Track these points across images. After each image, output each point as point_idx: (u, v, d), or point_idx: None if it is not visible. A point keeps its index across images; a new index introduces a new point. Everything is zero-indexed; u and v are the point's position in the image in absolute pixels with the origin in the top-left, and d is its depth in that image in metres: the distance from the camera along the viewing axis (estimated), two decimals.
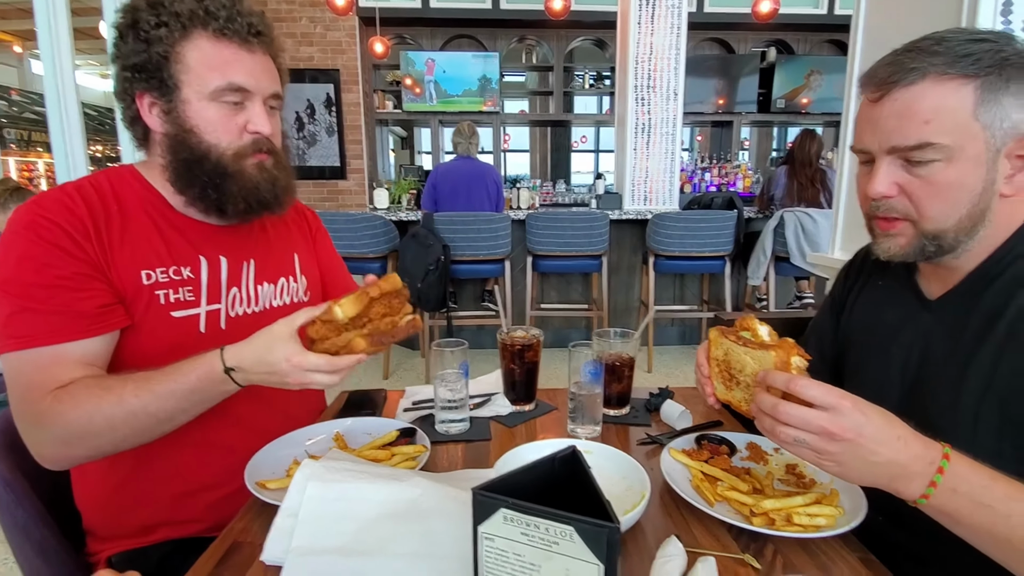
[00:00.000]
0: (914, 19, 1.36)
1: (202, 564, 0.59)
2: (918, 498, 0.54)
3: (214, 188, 0.78)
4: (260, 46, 0.79)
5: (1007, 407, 0.61)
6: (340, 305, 0.68)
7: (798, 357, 0.59)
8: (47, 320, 0.70)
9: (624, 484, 0.70)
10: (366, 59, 5.47)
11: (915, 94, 0.62)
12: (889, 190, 0.65)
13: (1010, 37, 0.62)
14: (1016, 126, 0.60)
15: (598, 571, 0.39)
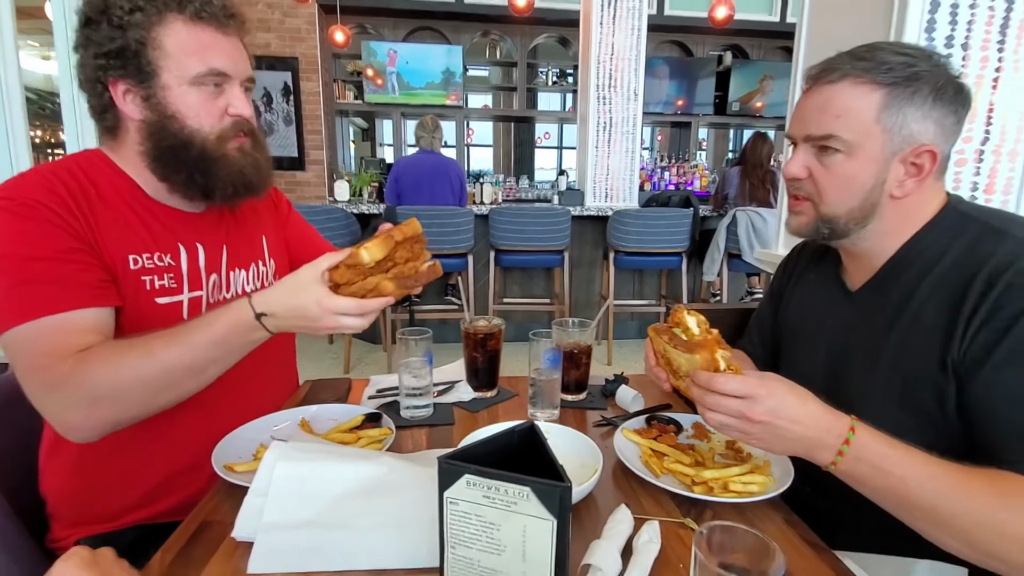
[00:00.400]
0: (849, 30, 1.46)
1: (173, 542, 0.60)
2: (828, 464, 0.62)
3: (201, 174, 0.78)
4: (234, 29, 0.79)
5: (908, 383, 0.69)
6: (367, 249, 0.68)
7: (722, 351, 0.65)
8: (49, 290, 0.69)
9: (579, 461, 0.75)
10: (326, 47, 5.36)
11: (833, 91, 0.70)
12: (800, 172, 0.74)
13: (931, 56, 0.69)
14: (913, 135, 0.68)
15: (552, 526, 0.43)
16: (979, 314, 0.62)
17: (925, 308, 0.69)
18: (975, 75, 1.25)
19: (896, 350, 0.70)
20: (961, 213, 0.72)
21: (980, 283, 0.63)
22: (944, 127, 0.69)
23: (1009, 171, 1.29)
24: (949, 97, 0.68)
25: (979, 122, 1.27)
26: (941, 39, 1.23)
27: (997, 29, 1.23)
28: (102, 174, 0.79)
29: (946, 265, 0.69)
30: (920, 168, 0.69)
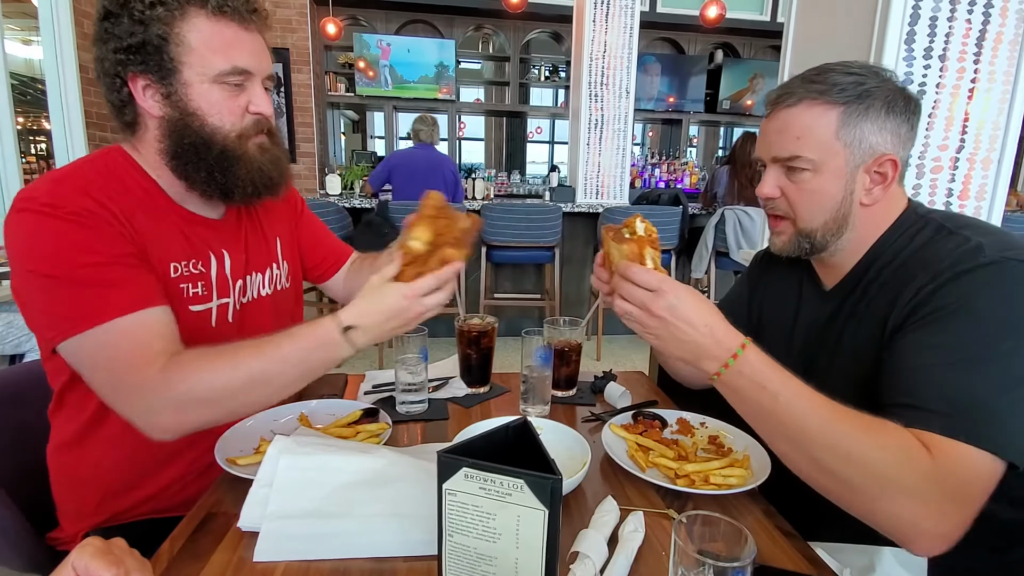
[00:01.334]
0: (834, 35, 1.50)
1: (180, 532, 0.63)
2: (712, 375, 0.67)
3: (222, 172, 0.77)
4: (256, 25, 0.78)
5: (867, 371, 0.73)
6: (414, 238, 0.70)
7: (652, 250, 0.70)
8: (117, 292, 0.68)
9: (568, 455, 0.79)
10: (317, 39, 5.33)
11: (792, 114, 0.75)
12: (772, 192, 0.79)
13: (879, 73, 0.74)
14: (873, 147, 0.73)
15: (544, 515, 0.47)
16: (920, 289, 0.67)
17: (877, 299, 0.74)
18: (952, 85, 1.29)
19: (856, 342, 0.76)
20: (919, 215, 0.77)
21: (928, 269, 0.68)
22: (900, 136, 0.73)
23: (983, 178, 1.34)
24: (901, 108, 0.73)
25: (955, 130, 1.32)
26: (920, 50, 1.28)
27: (973, 41, 1.27)
28: (131, 178, 0.78)
29: (900, 260, 0.74)
30: (884, 176, 0.74)
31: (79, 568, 0.47)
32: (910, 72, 1.29)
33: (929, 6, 1.25)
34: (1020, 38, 1.26)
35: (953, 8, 1.25)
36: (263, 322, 0.92)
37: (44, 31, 3.23)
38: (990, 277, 0.64)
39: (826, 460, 0.61)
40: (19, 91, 7.71)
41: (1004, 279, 0.64)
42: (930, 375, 0.62)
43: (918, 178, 1.35)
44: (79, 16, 3.36)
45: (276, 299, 0.96)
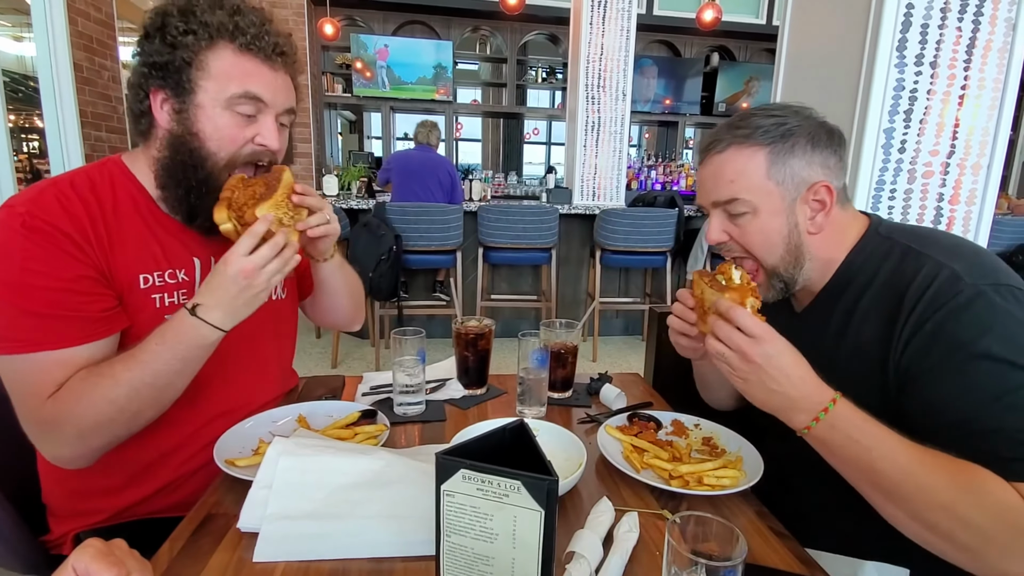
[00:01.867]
0: (829, 38, 1.52)
1: (180, 533, 0.63)
2: (802, 428, 0.66)
3: (197, 196, 0.79)
4: (283, 66, 0.81)
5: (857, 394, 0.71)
6: (218, 222, 0.76)
7: (752, 299, 0.71)
8: (54, 325, 0.70)
9: (564, 456, 0.80)
10: (314, 40, 5.33)
11: (722, 160, 0.77)
12: (720, 237, 0.80)
13: (799, 111, 0.77)
14: (804, 179, 0.75)
15: (540, 516, 0.47)
16: (908, 326, 0.68)
17: (864, 327, 0.75)
18: (942, 92, 1.31)
19: (843, 365, 0.76)
20: (882, 237, 0.78)
21: (909, 301, 0.69)
22: (829, 166, 0.76)
23: (972, 183, 1.36)
24: (824, 141, 0.75)
25: (945, 136, 1.34)
26: (912, 57, 1.30)
27: (964, 49, 1.29)
28: (121, 187, 0.81)
29: (877, 287, 0.75)
30: (822, 203, 0.76)
31: (79, 569, 0.47)
32: (902, 78, 1.30)
33: (920, 14, 1.27)
34: (1009, 46, 1.28)
35: (944, 16, 1.27)
36: (259, 331, 0.93)
37: (37, 30, 3.22)
38: (978, 314, 0.64)
39: (931, 516, 0.60)
40: (10, 88, 7.66)
41: (994, 312, 0.64)
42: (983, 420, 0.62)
43: (909, 183, 1.37)
44: (73, 15, 3.35)
45: (272, 308, 0.96)
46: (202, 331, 0.73)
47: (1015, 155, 6.33)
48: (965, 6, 1.27)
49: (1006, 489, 0.58)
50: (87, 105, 3.54)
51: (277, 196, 0.77)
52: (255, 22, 0.78)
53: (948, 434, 0.63)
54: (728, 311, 0.68)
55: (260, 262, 0.73)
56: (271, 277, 0.74)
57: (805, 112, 0.77)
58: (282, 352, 1.04)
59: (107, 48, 3.75)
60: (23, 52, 5.65)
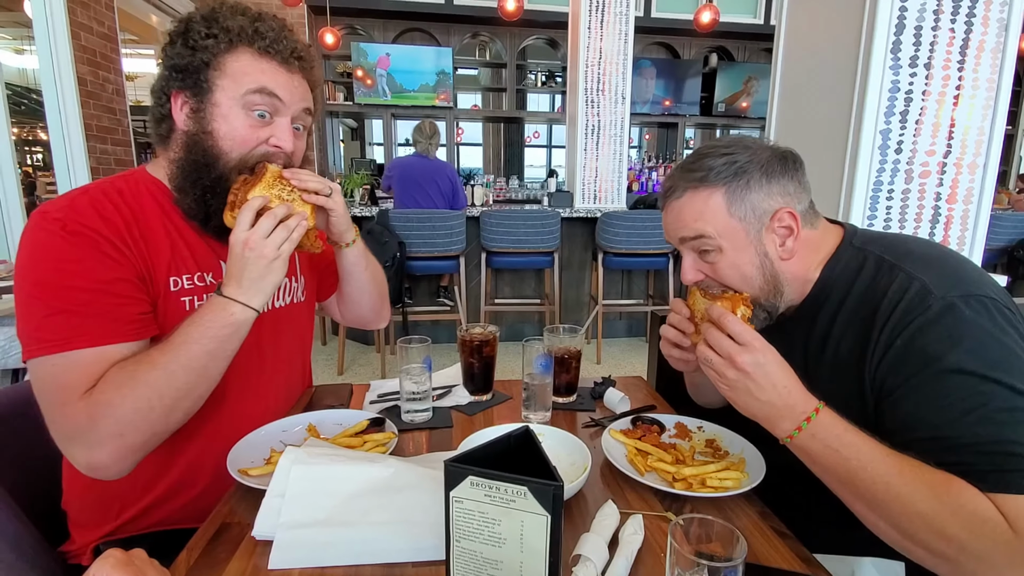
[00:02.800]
0: (824, 38, 1.53)
1: (196, 542, 0.65)
2: (785, 437, 0.68)
3: (212, 195, 0.80)
4: (300, 70, 0.84)
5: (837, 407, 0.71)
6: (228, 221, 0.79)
7: (743, 307, 0.73)
8: (87, 323, 0.71)
9: (569, 460, 0.81)
10: (315, 49, 5.37)
11: (681, 204, 0.79)
12: (695, 276, 0.82)
13: (748, 145, 0.78)
14: (766, 211, 0.76)
15: (546, 520, 0.49)
16: (882, 341, 0.69)
17: (842, 342, 0.76)
18: (937, 92, 1.33)
19: (825, 378, 0.77)
20: (856, 248, 0.78)
21: (881, 315, 0.70)
22: (789, 193, 0.77)
23: (969, 182, 1.37)
24: (779, 170, 0.76)
25: (941, 136, 1.35)
26: (906, 58, 1.31)
27: (957, 49, 1.30)
28: (148, 193, 0.83)
29: (853, 300, 0.75)
30: (789, 229, 0.77)
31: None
32: (897, 80, 1.32)
33: (914, 16, 1.28)
34: (1002, 46, 1.29)
35: (937, 18, 1.29)
36: (276, 333, 0.95)
37: (40, 45, 3.26)
38: (947, 328, 0.64)
39: (910, 526, 0.61)
40: (13, 101, 7.70)
41: (963, 324, 0.64)
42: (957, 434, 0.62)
43: (907, 183, 1.38)
44: (75, 28, 3.39)
45: (291, 311, 0.99)
46: (231, 308, 0.75)
47: (1013, 151, 6.32)
48: (958, 8, 1.28)
49: (982, 500, 0.59)
50: (92, 118, 3.58)
51: (265, 179, 0.79)
52: (274, 27, 0.81)
53: (924, 447, 0.64)
54: (719, 318, 0.70)
55: (262, 232, 0.75)
56: (279, 246, 0.76)
57: (755, 145, 0.78)
58: (303, 354, 1.07)
59: (110, 61, 3.79)
60: (25, 65, 5.69)
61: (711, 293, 0.78)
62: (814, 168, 1.50)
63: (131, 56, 5.20)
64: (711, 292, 0.78)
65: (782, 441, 0.68)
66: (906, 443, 0.65)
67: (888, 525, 0.63)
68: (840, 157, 1.41)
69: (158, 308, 0.80)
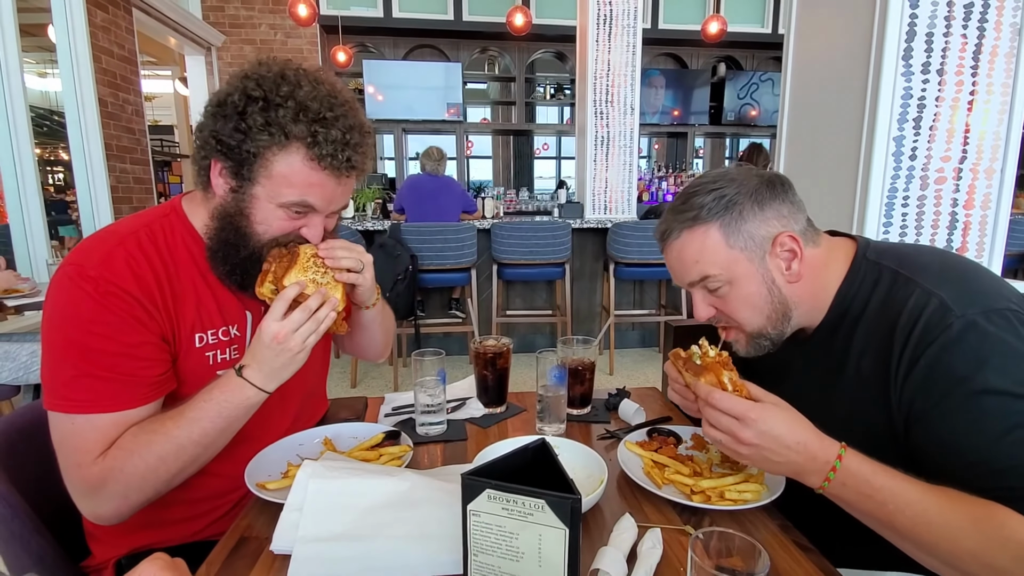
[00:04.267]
0: (834, 47, 1.53)
1: (215, 557, 0.65)
2: (818, 488, 0.66)
3: (243, 272, 0.80)
4: (348, 176, 0.79)
5: (862, 428, 0.72)
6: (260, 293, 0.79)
7: (728, 373, 0.72)
8: (111, 388, 0.73)
9: (586, 472, 0.81)
10: (327, 67, 5.47)
11: (679, 245, 0.79)
12: (707, 313, 0.81)
13: (734, 177, 0.77)
14: (765, 237, 0.75)
15: (564, 534, 0.49)
16: (903, 364, 0.68)
17: (863, 361, 0.74)
18: (951, 98, 1.32)
19: (848, 401, 0.76)
20: (871, 262, 0.77)
21: (901, 332, 0.68)
22: (784, 215, 0.76)
23: (986, 188, 1.36)
24: (768, 196, 0.76)
25: (956, 142, 1.33)
26: (918, 65, 1.30)
27: (970, 55, 1.30)
28: (181, 240, 0.82)
29: (871, 316, 0.74)
30: (792, 252, 0.76)
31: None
32: (909, 87, 1.31)
33: (925, 22, 1.28)
34: (1016, 51, 1.28)
35: (948, 24, 1.28)
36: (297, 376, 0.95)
37: (63, 68, 3.37)
38: (971, 347, 0.63)
39: (956, 561, 0.59)
40: (36, 123, 7.94)
41: (987, 342, 0.63)
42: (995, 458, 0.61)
43: (922, 189, 1.36)
44: (97, 52, 3.50)
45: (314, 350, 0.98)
46: (247, 392, 0.76)
47: None
48: (969, 13, 1.28)
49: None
50: (112, 139, 3.67)
51: (300, 262, 0.79)
52: (336, 137, 0.74)
53: (963, 475, 0.62)
54: (708, 397, 0.69)
55: (292, 326, 0.75)
56: (305, 339, 0.76)
57: (741, 176, 0.77)
58: (320, 380, 1.07)
59: (130, 83, 3.89)
60: (48, 88, 5.88)
61: (693, 364, 0.76)
62: (827, 176, 1.51)
63: (149, 77, 5.34)
64: (692, 363, 0.76)
65: (817, 492, 0.67)
66: (943, 469, 0.64)
67: (940, 563, 0.61)
68: (853, 164, 1.40)
69: (181, 362, 0.81)
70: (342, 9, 5.11)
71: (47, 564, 0.84)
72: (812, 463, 0.65)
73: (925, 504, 0.60)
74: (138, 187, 3.91)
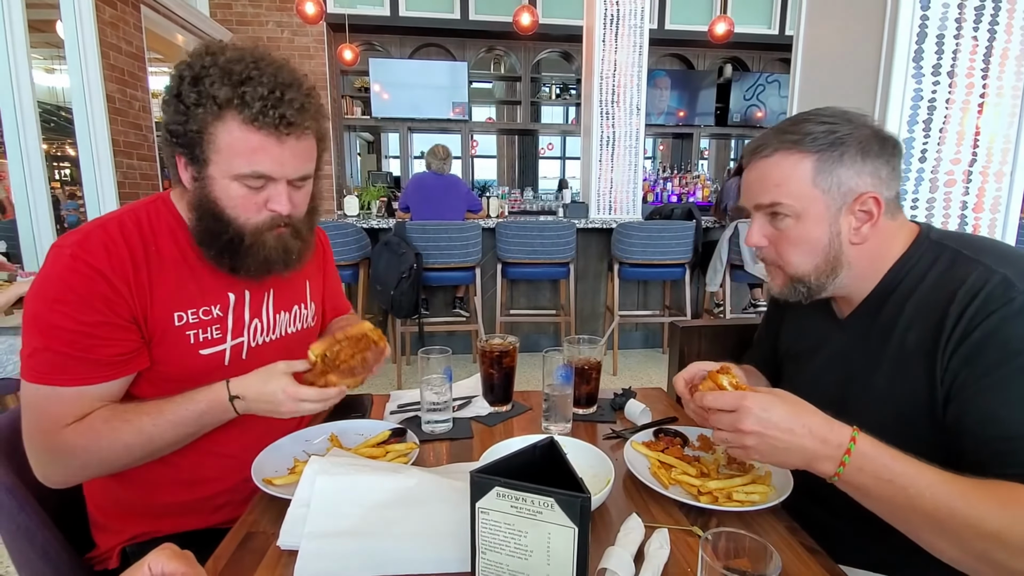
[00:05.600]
0: (844, 49, 1.52)
1: (223, 550, 0.66)
2: (832, 476, 0.64)
3: (230, 255, 0.82)
4: (290, 134, 0.78)
5: (901, 405, 0.72)
6: (312, 347, 0.82)
7: (723, 376, 0.72)
8: (67, 363, 0.74)
9: (592, 472, 0.81)
10: (334, 65, 5.48)
11: (768, 164, 0.77)
12: (760, 241, 0.81)
13: (851, 119, 0.75)
14: (852, 189, 0.74)
15: (573, 533, 0.49)
16: (955, 336, 0.66)
17: (909, 334, 0.73)
18: (961, 100, 1.31)
19: (887, 375, 0.74)
20: (933, 242, 0.76)
21: (956, 307, 0.67)
22: (880, 177, 0.74)
23: (996, 190, 1.35)
24: (876, 151, 0.74)
25: (966, 144, 1.33)
26: (928, 67, 1.30)
27: (981, 57, 1.29)
28: (165, 222, 0.84)
29: (924, 291, 0.73)
30: (869, 214, 0.75)
31: (155, 569, 0.50)
32: (919, 89, 1.30)
33: (936, 24, 1.27)
34: None
35: (959, 26, 1.27)
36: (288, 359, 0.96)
37: (71, 64, 3.38)
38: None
39: (979, 547, 0.57)
40: (43, 119, 7.99)
41: None
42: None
43: (932, 192, 1.36)
44: (105, 48, 3.51)
45: (302, 337, 1.00)
46: (229, 413, 0.81)
47: None
48: (980, 16, 1.27)
49: None
50: (119, 135, 3.69)
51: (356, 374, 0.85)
52: (263, 94, 0.75)
53: (1001, 447, 0.61)
54: (701, 401, 0.69)
55: (304, 398, 0.80)
56: (305, 408, 0.81)
57: (860, 120, 0.75)
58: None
59: (138, 80, 3.91)
60: (55, 84, 5.91)
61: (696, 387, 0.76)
62: None
63: (156, 74, 5.36)
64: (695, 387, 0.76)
65: (831, 481, 0.64)
66: (981, 440, 0.63)
67: (960, 551, 0.59)
68: None
69: (160, 341, 0.81)
70: (349, 7, 5.12)
71: (51, 557, 0.84)
72: (823, 447, 0.62)
73: (947, 487, 0.59)
74: (145, 183, 3.92)
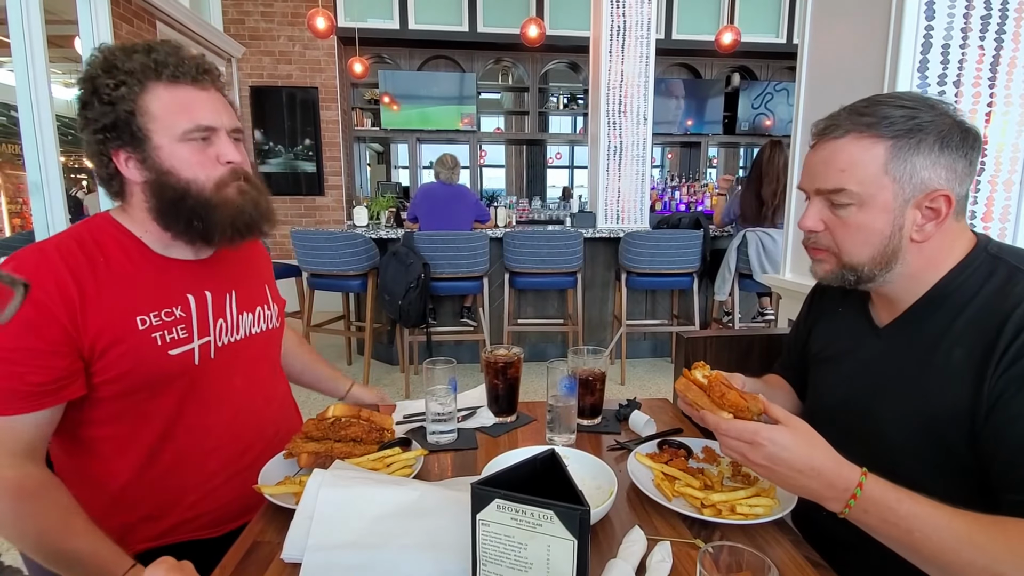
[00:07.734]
0: (849, 58, 1.52)
1: (228, 561, 0.66)
2: (839, 513, 0.64)
3: (200, 220, 0.82)
4: (210, 83, 0.84)
5: (938, 420, 0.69)
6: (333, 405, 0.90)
7: (727, 389, 0.72)
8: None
9: (595, 484, 0.81)
10: (344, 78, 5.56)
11: (837, 147, 0.73)
12: (815, 226, 0.77)
13: (934, 106, 0.70)
14: (925, 182, 0.69)
15: (573, 545, 0.49)
16: (1011, 351, 0.64)
17: (956, 349, 0.69)
18: (968, 110, 1.30)
19: (927, 389, 0.72)
20: (991, 255, 0.72)
21: (1013, 324, 0.64)
22: (956, 172, 0.69)
23: (1005, 200, 1.34)
24: (956, 143, 0.69)
25: None
26: (934, 77, 1.29)
27: (988, 66, 1.28)
28: (111, 237, 0.84)
29: (977, 306, 0.69)
30: (937, 212, 0.70)
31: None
32: None
33: (941, 34, 1.27)
34: None
35: (965, 35, 1.27)
36: (254, 359, 0.99)
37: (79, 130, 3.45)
38: None
39: None
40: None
41: None
42: None
43: None
44: None
45: (268, 337, 1.03)
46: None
47: None
48: (987, 25, 1.27)
49: None
50: None
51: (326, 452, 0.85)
52: (170, 52, 0.81)
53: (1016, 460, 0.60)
54: (716, 427, 0.69)
55: None
56: None
57: (941, 107, 0.70)
58: (279, 376, 1.10)
59: None
60: (73, 97, 6.07)
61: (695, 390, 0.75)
62: None
63: None
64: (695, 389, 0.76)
65: (840, 516, 0.65)
66: (1011, 467, 0.62)
67: None
68: None
69: (123, 349, 0.80)
70: (359, 21, 5.20)
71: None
72: (829, 489, 0.63)
73: (953, 531, 0.58)
74: None
